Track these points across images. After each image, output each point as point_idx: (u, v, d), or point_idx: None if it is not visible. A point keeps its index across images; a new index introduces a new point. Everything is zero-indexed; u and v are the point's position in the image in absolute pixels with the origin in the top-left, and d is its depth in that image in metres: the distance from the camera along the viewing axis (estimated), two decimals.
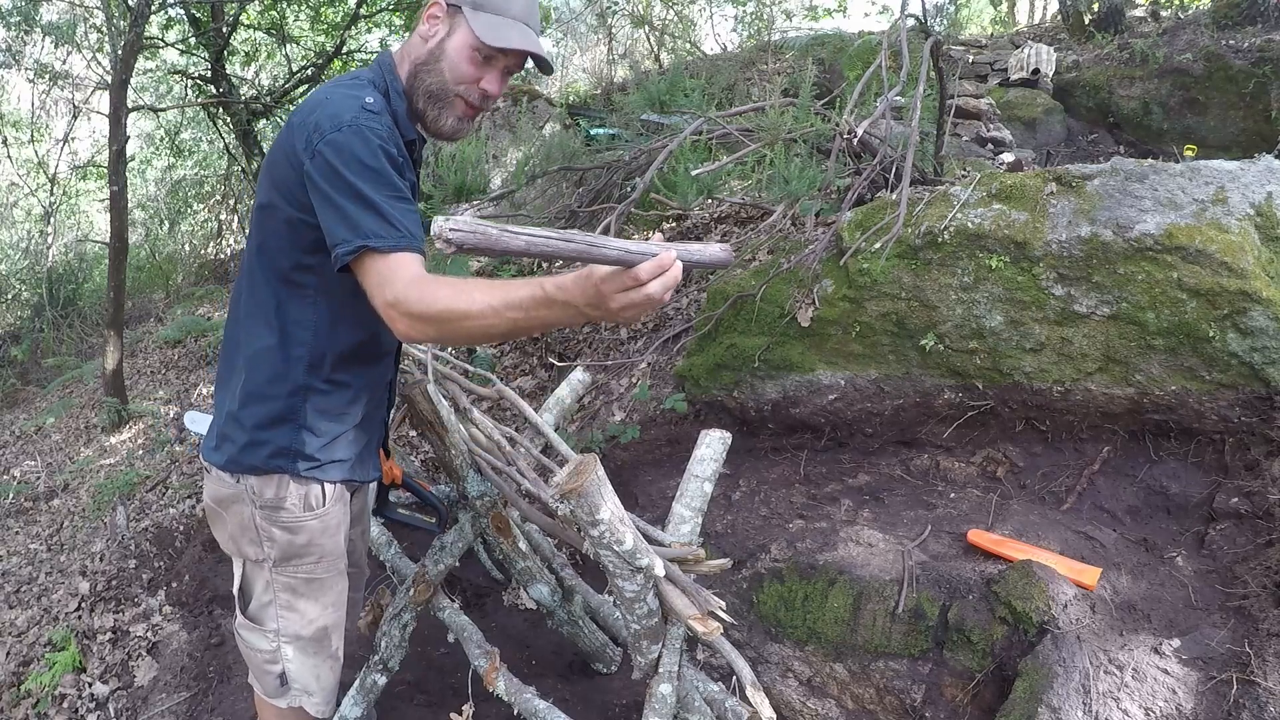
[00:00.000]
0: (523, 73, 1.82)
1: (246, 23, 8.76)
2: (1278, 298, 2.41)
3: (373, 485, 2.04)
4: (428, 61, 1.56)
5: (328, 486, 1.69)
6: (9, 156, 10.16)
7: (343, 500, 1.77)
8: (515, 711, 2.09)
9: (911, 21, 3.11)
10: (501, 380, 4.36)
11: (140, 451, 5.07)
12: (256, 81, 10.34)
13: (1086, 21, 7.84)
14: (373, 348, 1.69)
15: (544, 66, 1.62)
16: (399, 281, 1.33)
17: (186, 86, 9.48)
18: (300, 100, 8.74)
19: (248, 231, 1.64)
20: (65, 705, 2.82)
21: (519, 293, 1.24)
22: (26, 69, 9.10)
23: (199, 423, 2.40)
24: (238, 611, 1.77)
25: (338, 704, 2.25)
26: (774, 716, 1.53)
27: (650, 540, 1.67)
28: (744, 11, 10.23)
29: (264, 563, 1.69)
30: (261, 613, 1.74)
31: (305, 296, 1.57)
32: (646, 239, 1.69)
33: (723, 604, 1.60)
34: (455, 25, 1.54)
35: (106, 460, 5.11)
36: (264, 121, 9.18)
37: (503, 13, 1.53)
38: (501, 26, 1.52)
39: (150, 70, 9.46)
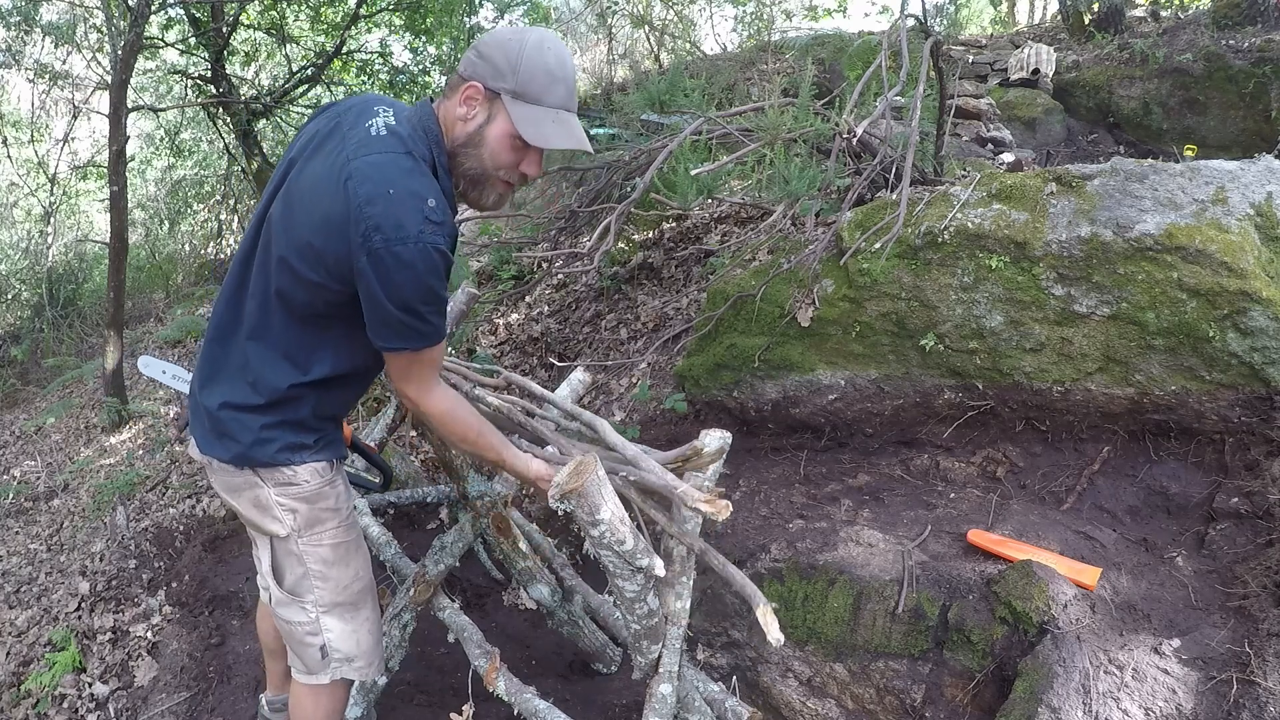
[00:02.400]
0: None
1: (246, 23, 8.75)
2: (1278, 298, 2.41)
3: None
4: (467, 145, 1.55)
5: (328, 460, 1.77)
6: (9, 156, 10.15)
7: (342, 475, 1.85)
8: (515, 711, 2.09)
9: (911, 21, 3.11)
10: None
11: (140, 451, 5.07)
12: (256, 81, 10.34)
13: (1086, 21, 7.84)
14: (355, 381, 1.75)
15: (584, 149, 1.62)
16: (417, 382, 1.59)
17: (186, 86, 9.48)
18: (302, 99, 8.75)
19: (258, 245, 1.61)
20: (65, 705, 2.82)
21: (505, 453, 1.69)
22: (26, 69, 9.10)
23: (152, 367, 2.37)
24: (274, 590, 1.81)
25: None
26: (781, 638, 1.52)
27: (614, 473, 1.67)
28: (744, 11, 10.23)
29: (291, 536, 1.74)
30: (298, 585, 1.79)
31: (324, 332, 1.60)
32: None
33: (710, 500, 1.54)
34: (495, 112, 1.52)
35: (106, 460, 5.11)
36: (264, 121, 9.18)
37: (542, 102, 1.52)
38: (543, 122, 1.51)
39: (150, 70, 9.45)
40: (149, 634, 3.06)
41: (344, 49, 8.88)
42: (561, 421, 2.14)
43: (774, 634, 1.48)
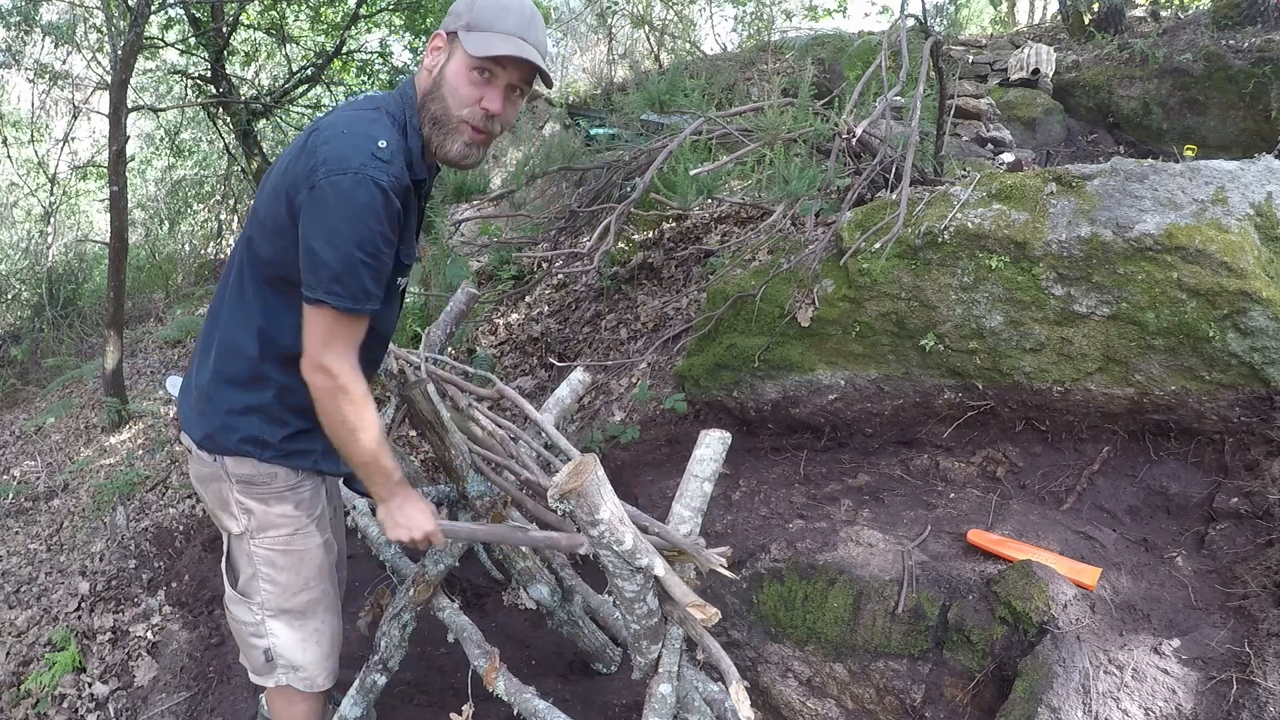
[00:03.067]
0: None
1: (246, 23, 8.75)
2: (1278, 298, 2.41)
3: None
4: (431, 91, 1.58)
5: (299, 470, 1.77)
6: (9, 156, 10.15)
7: (316, 482, 1.83)
8: (515, 711, 2.09)
9: (911, 21, 3.11)
10: (501, 380, 4.36)
11: (140, 451, 5.07)
12: (256, 81, 10.34)
13: (1086, 21, 7.84)
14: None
15: (543, 79, 1.60)
16: (339, 349, 1.53)
17: (186, 86, 9.47)
18: (302, 99, 8.76)
19: (244, 224, 1.69)
20: (65, 705, 2.82)
21: (388, 460, 1.66)
22: (26, 69, 9.10)
23: (177, 386, 2.39)
24: (226, 586, 1.85)
25: (338, 696, 2.26)
26: (752, 716, 1.54)
27: (645, 530, 1.68)
28: (744, 11, 10.23)
29: (244, 535, 1.77)
30: (248, 585, 1.82)
31: (289, 300, 1.59)
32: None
33: (724, 560, 1.60)
34: (453, 50, 1.57)
35: (106, 460, 5.11)
36: (264, 121, 9.18)
37: (493, 29, 1.54)
38: (491, 40, 1.53)
39: (150, 70, 9.45)
40: (149, 634, 3.06)
41: (344, 49, 8.88)
42: (543, 452, 2.17)
43: (745, 712, 1.50)
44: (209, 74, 8.29)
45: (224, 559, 1.84)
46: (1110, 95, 6.74)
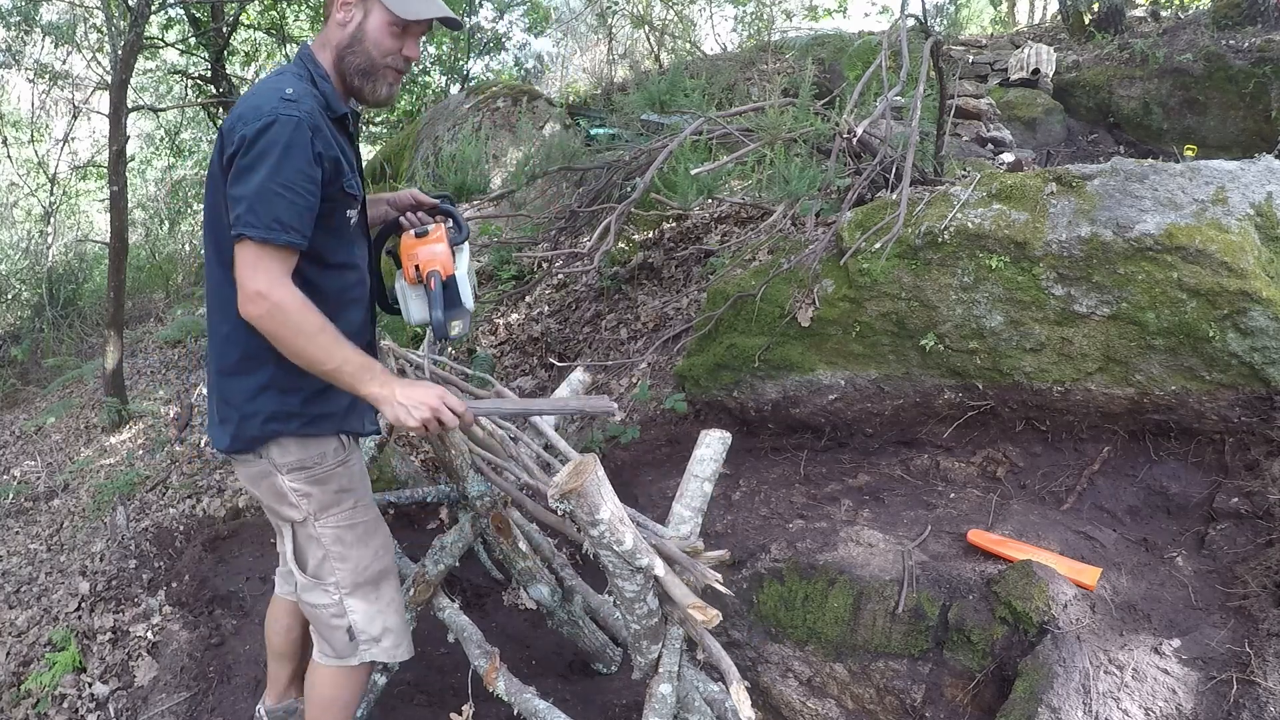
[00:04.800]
0: (521, 72, 1.95)
1: (246, 23, 8.75)
2: (1278, 298, 2.41)
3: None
4: (350, 45, 1.71)
5: (341, 436, 1.81)
6: (9, 156, 10.16)
7: (358, 451, 1.88)
8: (515, 711, 2.09)
9: (911, 21, 3.11)
10: (501, 380, 4.36)
11: (140, 451, 5.07)
12: (256, 81, 10.34)
13: (1086, 21, 7.84)
14: (332, 301, 1.74)
15: (453, 24, 1.79)
16: (265, 277, 1.53)
17: (186, 86, 9.48)
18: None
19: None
20: (65, 705, 2.82)
21: (357, 354, 1.59)
22: (26, 69, 9.10)
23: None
24: (298, 575, 1.86)
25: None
26: (753, 717, 1.54)
27: (645, 529, 1.68)
28: (744, 11, 10.23)
29: (307, 520, 1.80)
30: (320, 568, 1.84)
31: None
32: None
33: (719, 576, 1.60)
34: (370, 8, 1.70)
35: (106, 460, 5.12)
36: None
37: None
38: (409, 1, 1.69)
39: (150, 70, 9.46)
40: (149, 634, 3.05)
41: None
42: (542, 453, 2.17)
43: (745, 712, 1.50)
44: (209, 74, 8.30)
45: (289, 550, 1.85)
46: (1110, 95, 6.74)
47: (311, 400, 1.74)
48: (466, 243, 1.99)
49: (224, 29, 7.92)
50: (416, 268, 1.88)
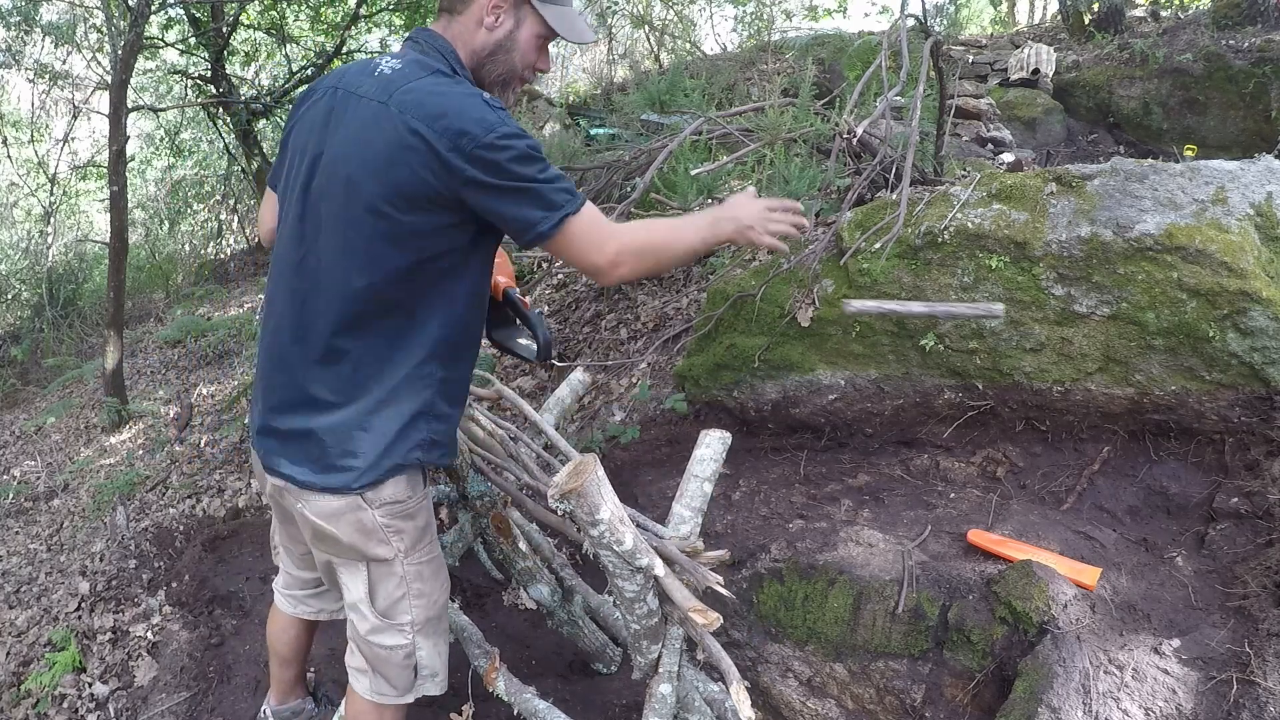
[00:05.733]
0: None
1: (246, 23, 8.75)
2: (1278, 298, 2.41)
3: None
4: (495, 51, 1.63)
5: (423, 469, 1.71)
6: (9, 156, 10.16)
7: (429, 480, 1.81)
8: (515, 711, 2.09)
9: (911, 21, 3.11)
10: (501, 380, 4.36)
11: (140, 451, 5.07)
12: (256, 81, 10.34)
13: (1086, 21, 7.84)
14: (480, 322, 1.71)
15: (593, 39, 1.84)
16: (609, 230, 1.52)
17: (186, 86, 9.48)
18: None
19: (314, 230, 1.56)
20: (65, 705, 2.82)
21: (694, 223, 1.61)
22: (26, 69, 9.10)
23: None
24: (367, 616, 1.73)
25: None
26: (753, 717, 1.54)
27: (645, 531, 1.68)
28: (744, 11, 10.23)
29: (396, 559, 1.69)
30: (393, 608, 1.74)
31: (436, 290, 1.56)
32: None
33: (719, 578, 1.60)
34: (523, 16, 1.63)
35: (106, 460, 5.12)
36: (264, 121, 9.18)
37: (562, 2, 1.65)
38: (574, 20, 1.66)
39: (150, 70, 9.46)
40: (149, 634, 3.05)
41: (344, 49, 8.88)
42: (542, 453, 2.16)
43: (745, 712, 1.50)
44: (209, 74, 8.30)
45: (361, 590, 1.71)
46: (1110, 95, 6.74)
47: (452, 425, 1.67)
48: None
49: (224, 29, 7.92)
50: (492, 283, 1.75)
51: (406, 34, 1.85)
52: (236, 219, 10.95)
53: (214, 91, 8.42)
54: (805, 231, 1.61)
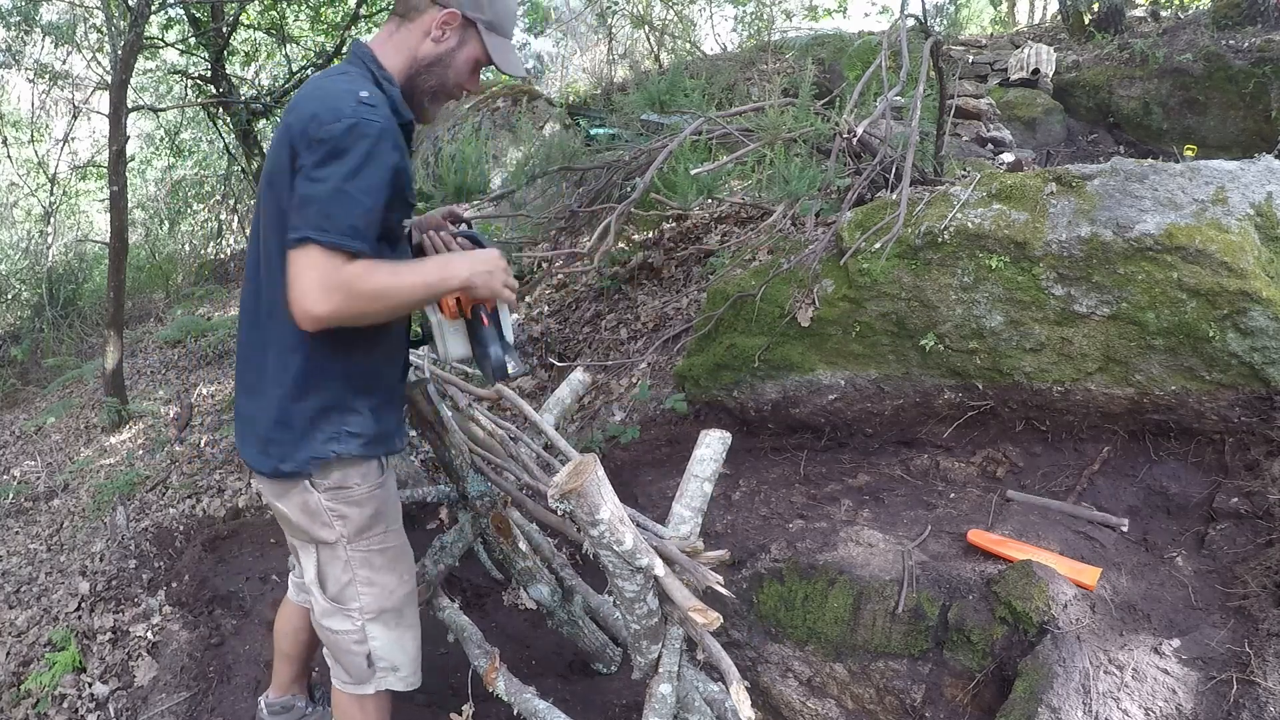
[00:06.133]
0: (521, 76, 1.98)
1: (246, 23, 8.76)
2: (1278, 298, 2.41)
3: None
4: (435, 64, 1.68)
5: (378, 459, 1.76)
6: (9, 156, 10.16)
7: (390, 473, 1.83)
8: (515, 711, 2.09)
9: (911, 21, 3.11)
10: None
11: (140, 451, 5.07)
12: (256, 81, 10.34)
13: (1086, 21, 7.84)
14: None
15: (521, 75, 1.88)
16: (334, 277, 1.44)
17: (186, 86, 9.49)
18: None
19: (259, 232, 1.65)
20: (65, 705, 2.82)
21: (419, 273, 1.58)
22: (26, 69, 9.10)
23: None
24: (318, 599, 1.81)
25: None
26: (753, 716, 1.54)
27: (645, 531, 1.68)
28: (744, 11, 10.23)
29: (339, 542, 1.74)
30: (342, 593, 1.79)
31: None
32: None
33: (719, 578, 1.60)
34: (467, 38, 1.68)
35: (106, 460, 5.12)
36: (264, 121, 9.18)
37: (507, 34, 1.73)
38: (510, 52, 1.73)
39: (150, 70, 9.46)
40: (149, 634, 3.05)
41: (344, 49, 8.88)
42: (542, 453, 2.16)
43: (745, 712, 1.50)
44: (209, 74, 8.30)
45: (311, 572, 1.78)
46: (1110, 95, 6.74)
47: (372, 418, 1.70)
48: None
49: (224, 29, 7.92)
50: (459, 300, 1.74)
51: None
52: (236, 219, 10.95)
53: (214, 91, 8.41)
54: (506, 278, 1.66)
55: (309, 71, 8.75)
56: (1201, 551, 2.37)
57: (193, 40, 8.23)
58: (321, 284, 1.43)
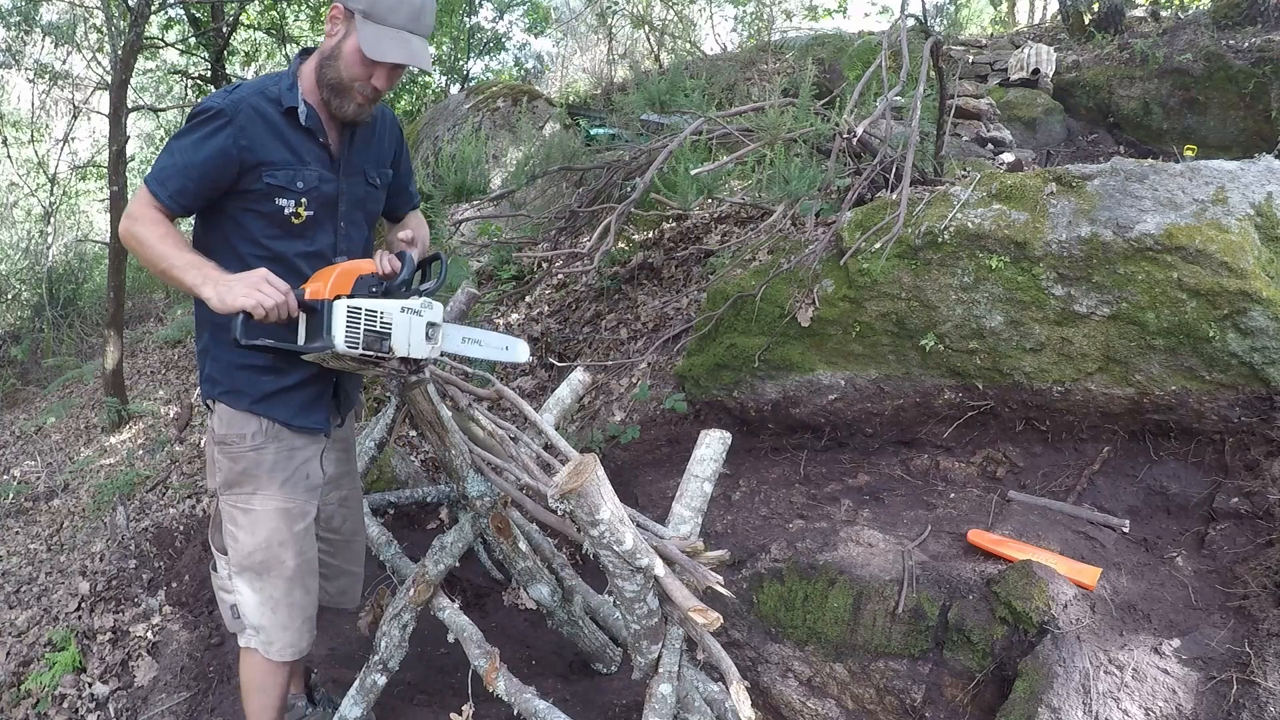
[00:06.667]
0: (521, 72, 1.96)
1: (246, 23, 8.76)
2: (1278, 298, 2.41)
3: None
4: (329, 57, 1.75)
5: (264, 423, 1.84)
6: (9, 156, 10.16)
7: (286, 445, 1.87)
8: (515, 711, 2.09)
9: (911, 21, 3.11)
10: (501, 379, 4.36)
11: (140, 451, 5.07)
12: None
13: (1086, 21, 7.84)
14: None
15: (423, 70, 1.85)
16: (140, 205, 1.70)
17: (186, 86, 9.49)
18: None
19: None
20: (65, 705, 2.82)
21: (180, 255, 1.69)
22: (26, 69, 9.10)
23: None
24: (212, 539, 2.01)
25: (334, 705, 2.25)
26: (753, 716, 1.54)
27: (645, 531, 1.68)
28: (744, 11, 10.23)
29: (219, 491, 1.92)
30: (223, 540, 1.96)
31: (201, 241, 1.82)
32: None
33: (719, 578, 1.60)
34: (350, 29, 1.71)
35: (106, 460, 5.12)
36: None
37: (385, 22, 1.68)
38: (383, 39, 1.68)
39: (150, 70, 9.47)
40: (149, 634, 3.05)
41: None
42: (542, 453, 2.16)
43: (745, 712, 1.51)
44: (209, 74, 8.31)
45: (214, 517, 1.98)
46: (1110, 95, 6.74)
47: (231, 372, 1.83)
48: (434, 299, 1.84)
49: (224, 29, 7.93)
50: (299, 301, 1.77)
51: None
52: None
53: (214, 91, 8.42)
54: (273, 306, 1.67)
55: None
56: (1201, 551, 2.37)
57: (193, 40, 8.23)
58: (128, 209, 1.72)
